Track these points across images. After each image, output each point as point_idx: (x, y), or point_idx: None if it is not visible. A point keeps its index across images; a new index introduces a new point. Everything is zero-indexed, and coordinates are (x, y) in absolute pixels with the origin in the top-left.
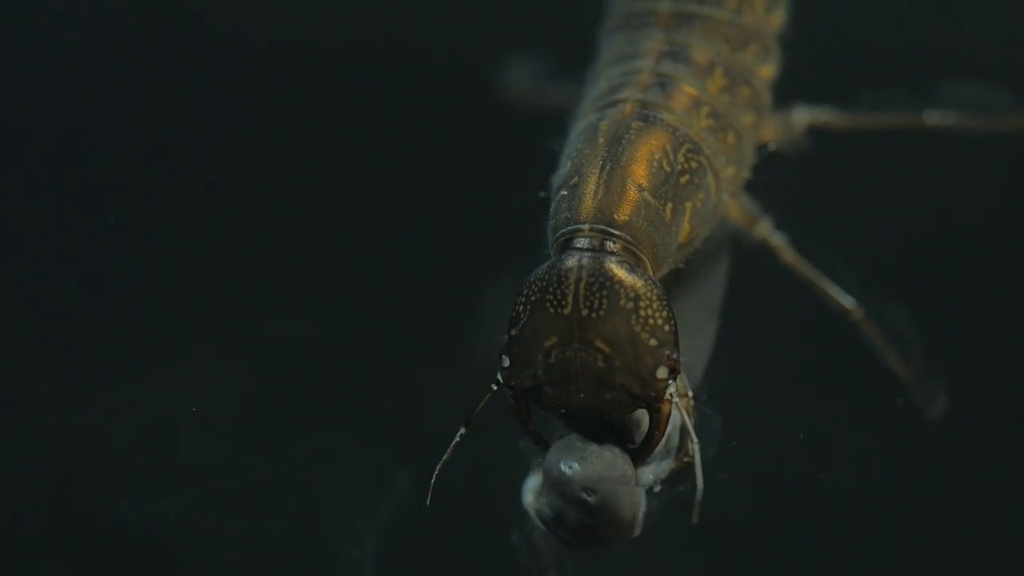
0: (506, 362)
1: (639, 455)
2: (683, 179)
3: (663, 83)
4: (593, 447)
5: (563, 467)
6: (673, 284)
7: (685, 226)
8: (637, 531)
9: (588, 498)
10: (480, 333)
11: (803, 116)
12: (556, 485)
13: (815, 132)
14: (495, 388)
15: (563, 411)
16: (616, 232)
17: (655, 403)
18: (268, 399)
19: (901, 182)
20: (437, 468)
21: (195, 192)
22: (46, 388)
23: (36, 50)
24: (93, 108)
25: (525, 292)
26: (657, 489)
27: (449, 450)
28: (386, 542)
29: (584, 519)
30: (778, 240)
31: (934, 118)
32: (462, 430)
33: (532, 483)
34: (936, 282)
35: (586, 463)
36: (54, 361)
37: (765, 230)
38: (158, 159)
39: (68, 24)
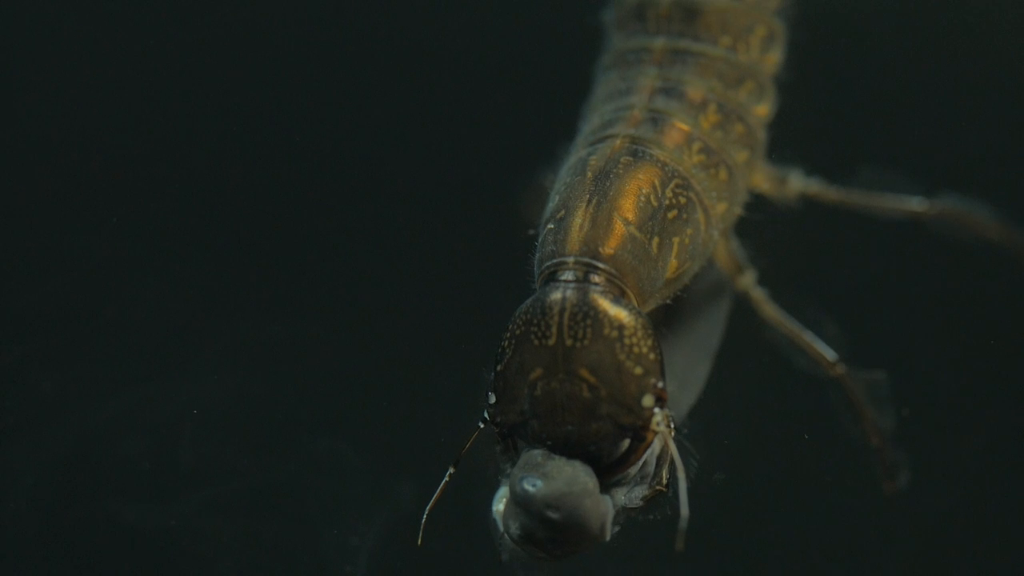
0: (492, 399)
1: (610, 473)
2: (671, 214)
3: (655, 119)
4: (554, 462)
5: (526, 485)
6: (670, 322)
7: (673, 261)
8: (607, 536)
9: (553, 515)
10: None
11: (797, 183)
12: (521, 503)
13: (807, 200)
14: (482, 426)
15: (549, 443)
16: (601, 265)
17: (641, 432)
18: (270, 404)
19: (890, 241)
20: (427, 508)
21: (197, 195)
22: (49, 391)
23: (37, 49)
24: (95, 109)
25: (510, 327)
26: (620, 521)
27: (439, 490)
28: (379, 557)
29: (552, 534)
30: (759, 294)
31: (923, 208)
32: (451, 469)
33: (502, 492)
34: (921, 346)
35: (548, 480)
36: (56, 365)
37: (748, 282)
38: (160, 160)
39: (71, 23)
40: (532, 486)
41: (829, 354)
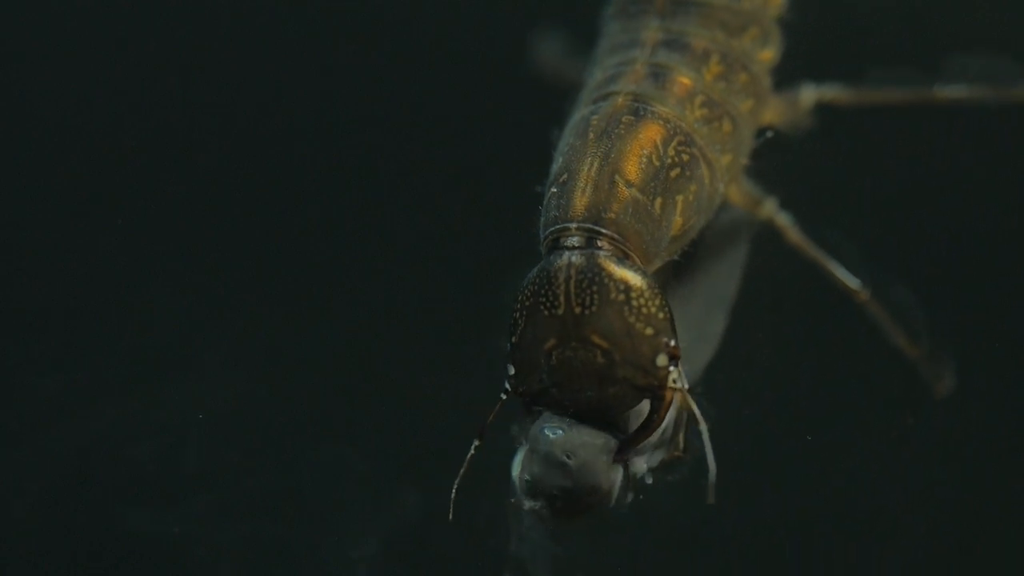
0: (511, 370)
1: (636, 439)
2: (673, 172)
3: (657, 73)
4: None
5: (548, 432)
6: (683, 274)
7: (677, 219)
8: (612, 501)
9: (568, 460)
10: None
11: (810, 94)
12: (539, 449)
13: (823, 110)
14: (504, 397)
15: (572, 412)
16: (603, 230)
17: (659, 391)
18: (275, 409)
19: (907, 162)
20: (456, 483)
21: (202, 198)
22: (54, 394)
23: (42, 50)
24: (99, 110)
25: (520, 298)
26: (649, 480)
27: (465, 463)
28: (379, 566)
29: (561, 482)
30: (784, 220)
31: (943, 92)
32: (476, 442)
33: (520, 456)
34: (942, 262)
35: (571, 428)
36: (60, 368)
37: (771, 210)
38: (165, 162)
39: (76, 24)
40: (554, 433)
41: (853, 281)
